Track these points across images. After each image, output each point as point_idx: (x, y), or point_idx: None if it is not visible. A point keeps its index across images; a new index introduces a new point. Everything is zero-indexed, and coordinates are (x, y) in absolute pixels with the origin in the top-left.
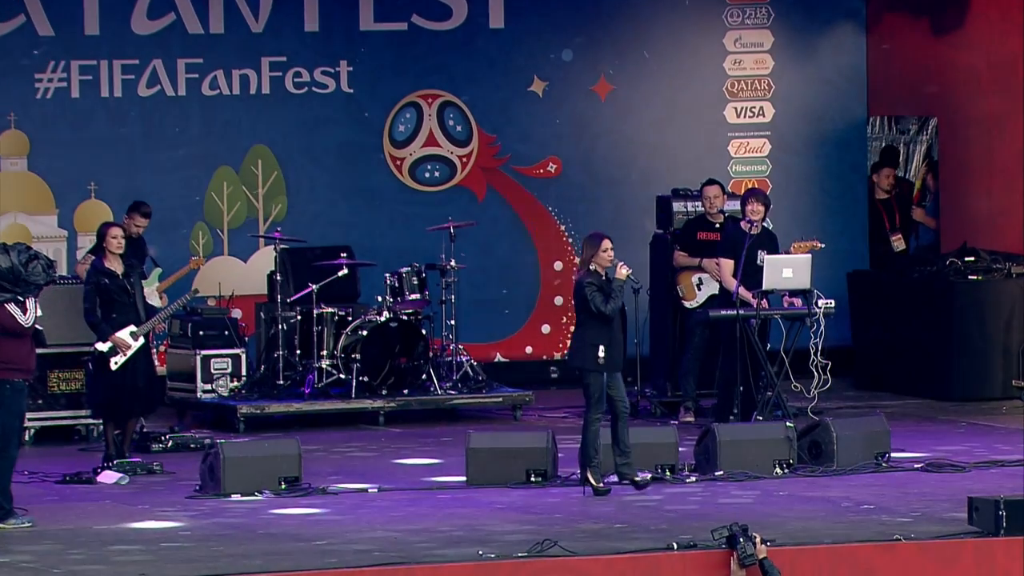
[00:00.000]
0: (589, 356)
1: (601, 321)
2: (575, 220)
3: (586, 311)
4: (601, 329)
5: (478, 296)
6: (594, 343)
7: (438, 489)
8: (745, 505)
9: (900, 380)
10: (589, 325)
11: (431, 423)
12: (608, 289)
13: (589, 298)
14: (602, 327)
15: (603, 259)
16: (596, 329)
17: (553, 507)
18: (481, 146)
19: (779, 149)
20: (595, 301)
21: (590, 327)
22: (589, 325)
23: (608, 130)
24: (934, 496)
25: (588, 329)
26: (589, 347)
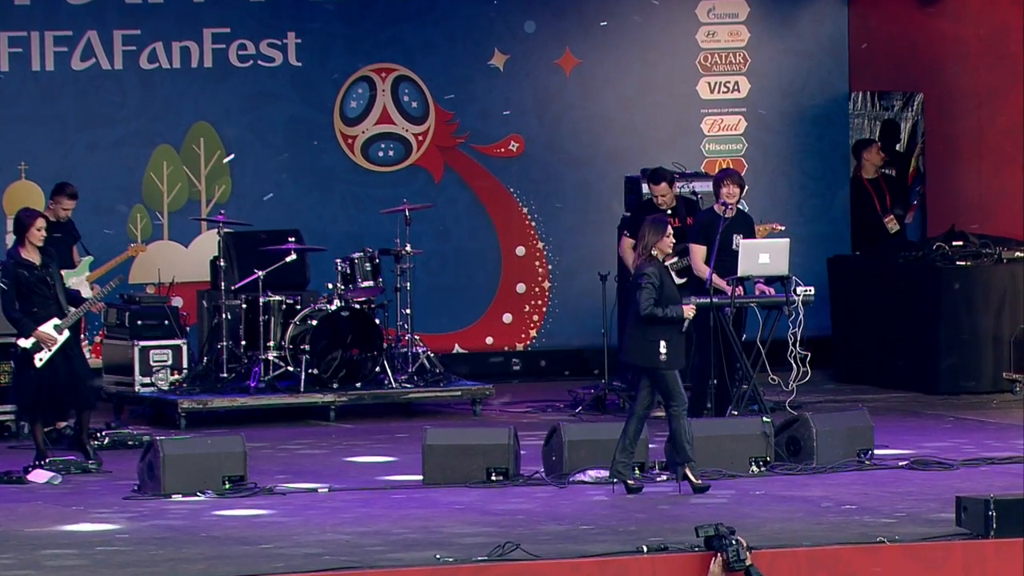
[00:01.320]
0: (649, 354)
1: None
2: (538, 202)
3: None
4: (662, 324)
5: (435, 283)
6: (654, 339)
7: (392, 489)
8: (719, 505)
9: (884, 372)
10: (649, 320)
11: (385, 418)
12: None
13: (643, 289)
14: (664, 322)
15: (666, 246)
16: (657, 325)
17: (515, 508)
18: (438, 123)
19: (755, 127)
20: (642, 296)
21: (650, 322)
22: (649, 320)
23: (573, 106)
24: (920, 496)
25: (649, 324)
26: (649, 343)
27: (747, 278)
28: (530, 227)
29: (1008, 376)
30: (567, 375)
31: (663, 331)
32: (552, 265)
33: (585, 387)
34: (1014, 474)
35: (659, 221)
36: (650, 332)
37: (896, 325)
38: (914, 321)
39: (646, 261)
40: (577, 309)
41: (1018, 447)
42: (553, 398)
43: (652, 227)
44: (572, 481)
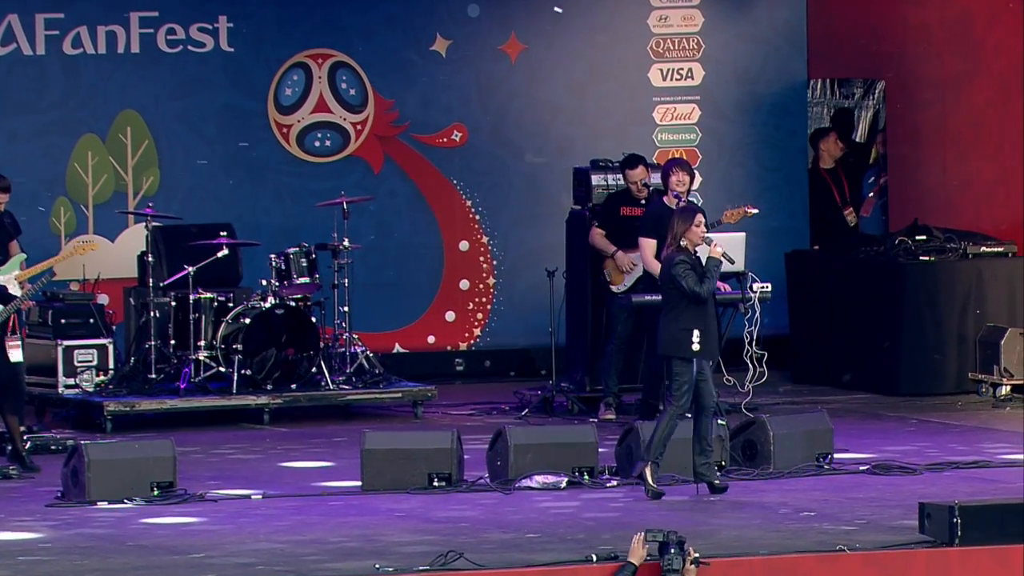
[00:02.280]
0: (683, 342)
1: (694, 303)
2: (482, 194)
3: (677, 292)
4: (696, 312)
5: (374, 280)
6: (687, 327)
7: (330, 495)
8: (672, 512)
9: (844, 373)
10: (681, 308)
11: (322, 421)
12: (701, 269)
13: (681, 277)
14: (697, 310)
15: (695, 235)
16: (690, 312)
17: (458, 515)
18: (377, 112)
19: (710, 115)
20: (688, 281)
21: (682, 310)
22: (681, 308)
23: (519, 94)
24: (881, 502)
25: (681, 313)
26: (682, 332)
27: None
28: (474, 221)
29: (974, 377)
30: (513, 376)
31: (698, 320)
32: (497, 261)
33: (532, 388)
34: (980, 479)
35: (688, 210)
36: (684, 320)
37: (856, 323)
38: (875, 319)
39: (676, 251)
40: (523, 307)
41: (983, 451)
42: (498, 400)
43: (681, 216)
44: (518, 487)
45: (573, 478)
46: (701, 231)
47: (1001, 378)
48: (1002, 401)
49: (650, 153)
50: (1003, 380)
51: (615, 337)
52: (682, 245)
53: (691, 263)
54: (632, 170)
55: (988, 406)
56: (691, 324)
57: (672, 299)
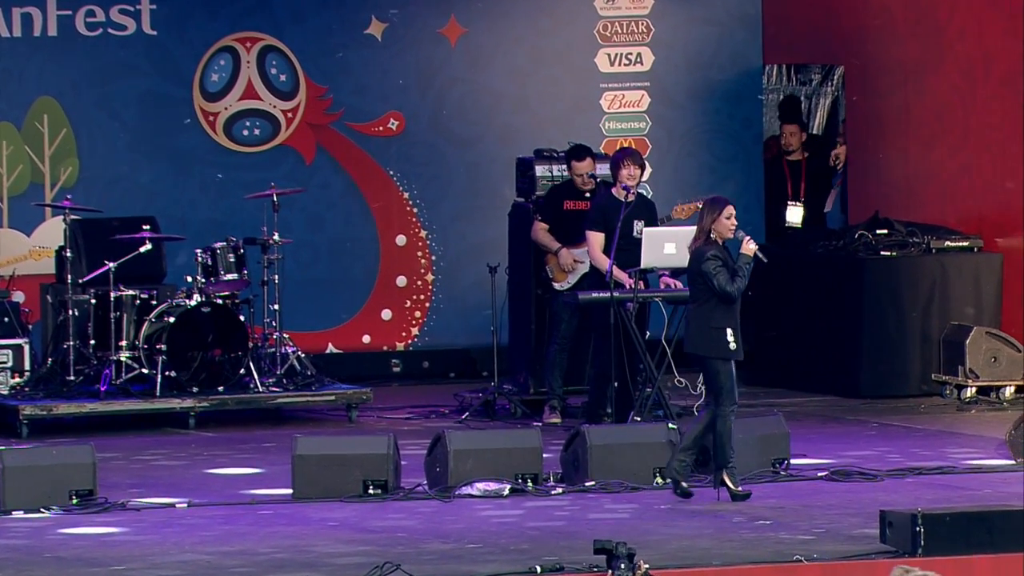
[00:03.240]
0: (716, 342)
1: (726, 302)
2: (420, 186)
3: (706, 289)
4: (727, 310)
5: (306, 276)
6: (719, 326)
7: (259, 503)
8: (620, 520)
9: (801, 374)
10: (711, 305)
11: (250, 426)
12: (732, 265)
13: (713, 275)
14: (728, 308)
15: (725, 228)
16: (721, 310)
17: (395, 524)
18: (309, 99)
19: (660, 103)
20: (719, 279)
21: (713, 307)
22: (711, 305)
23: (459, 80)
24: (841, 510)
25: (712, 310)
26: (715, 331)
27: (650, 270)
28: (411, 214)
29: (938, 378)
30: (453, 377)
31: (730, 317)
32: (436, 256)
33: (473, 391)
34: (944, 486)
35: (717, 200)
36: (715, 318)
37: (815, 322)
38: (834, 318)
39: (705, 244)
40: (464, 305)
41: (947, 456)
42: (437, 403)
43: (709, 207)
44: (458, 495)
45: (516, 485)
46: (732, 223)
47: (966, 379)
48: (967, 404)
49: (597, 143)
50: (968, 382)
51: (558, 336)
52: (711, 238)
53: (723, 258)
54: (579, 162)
55: (952, 409)
56: (723, 323)
57: (701, 295)
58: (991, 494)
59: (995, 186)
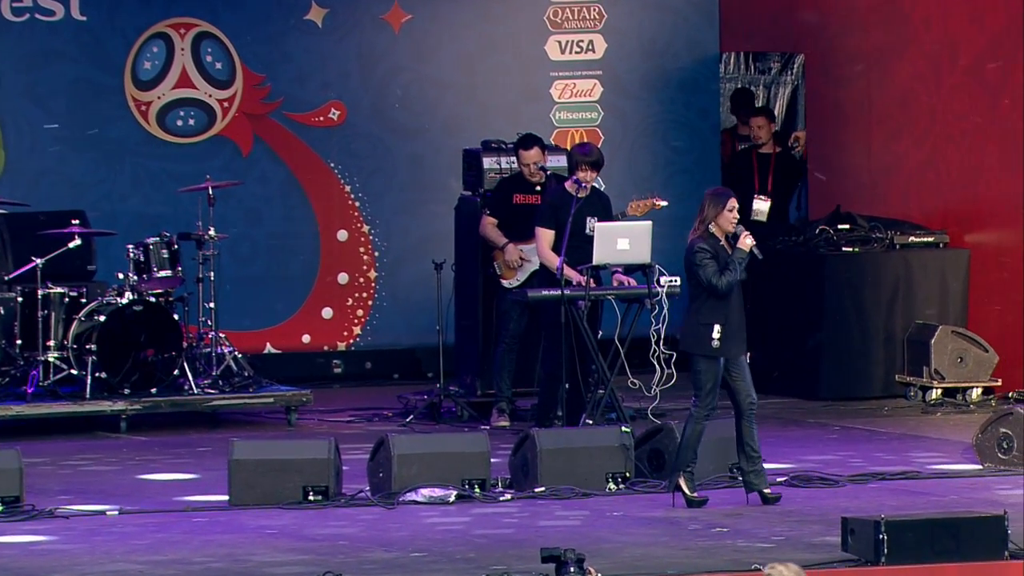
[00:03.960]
0: (701, 338)
1: (715, 296)
2: (363, 179)
3: (698, 284)
4: (715, 306)
5: (243, 273)
6: (706, 322)
7: (193, 511)
8: (571, 528)
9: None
10: (701, 300)
11: (185, 429)
12: (725, 258)
13: (698, 266)
14: (717, 303)
15: (727, 221)
16: (710, 305)
17: (336, 532)
18: (246, 88)
19: (613, 92)
20: (705, 272)
21: (703, 303)
22: (701, 300)
23: (403, 68)
24: (801, 516)
25: (701, 305)
26: (701, 327)
27: (603, 267)
28: (353, 208)
29: (901, 379)
30: (396, 378)
31: (718, 313)
32: (379, 252)
33: (417, 392)
34: (908, 492)
35: (721, 193)
36: (703, 314)
37: (773, 321)
38: (794, 316)
39: (699, 237)
40: (408, 303)
41: (912, 460)
42: (380, 405)
43: (712, 199)
44: (402, 501)
45: (463, 491)
46: (734, 216)
47: (931, 381)
48: (932, 406)
49: (547, 133)
50: (933, 383)
51: (507, 336)
52: (710, 231)
53: (712, 251)
54: (526, 151)
55: (917, 411)
56: (711, 318)
57: (694, 290)
58: (957, 500)
59: (962, 179)
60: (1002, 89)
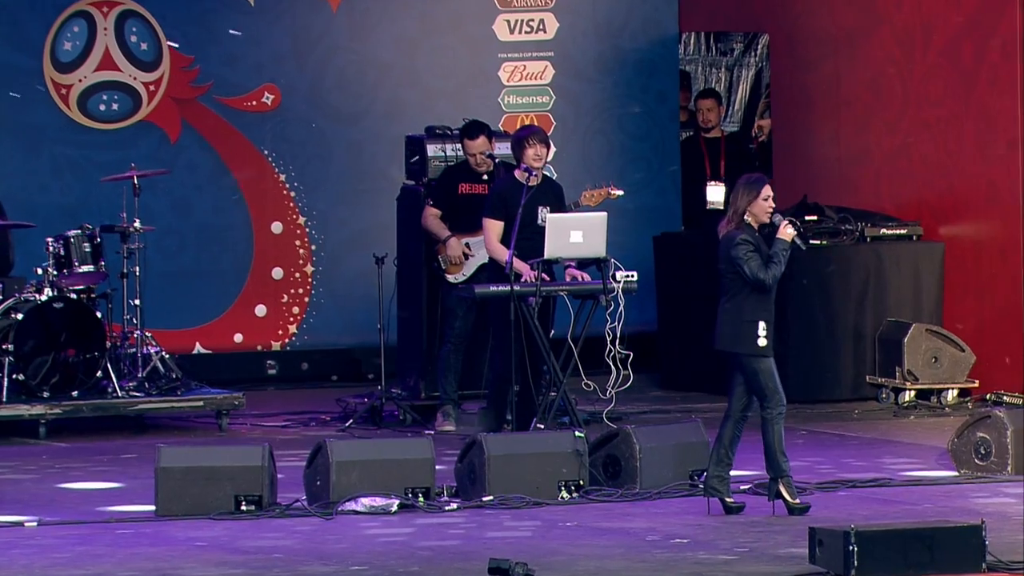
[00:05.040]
0: (745, 336)
1: (759, 291)
2: (298, 167)
3: (738, 278)
4: (759, 301)
5: (171, 267)
6: (751, 320)
7: (118, 522)
8: (522, 539)
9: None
10: (743, 296)
11: (109, 434)
12: (766, 251)
13: (743, 260)
14: (761, 299)
15: (762, 210)
16: (753, 301)
17: (271, 544)
18: (174, 70)
19: (565, 75)
20: (750, 265)
21: (745, 298)
22: (743, 296)
23: (342, 49)
24: (766, 526)
25: (743, 301)
26: (747, 324)
27: (555, 261)
28: (288, 198)
29: (873, 380)
30: (335, 380)
31: (763, 310)
32: (316, 245)
33: (357, 395)
34: (879, 500)
35: (755, 180)
36: (747, 311)
37: None
38: None
39: (736, 228)
40: (347, 299)
41: (883, 467)
42: (318, 409)
43: (745, 188)
44: (341, 511)
45: (406, 500)
46: (769, 205)
47: (904, 382)
48: (905, 409)
49: (495, 119)
50: (906, 384)
51: (453, 335)
52: (746, 221)
53: (755, 243)
54: (471, 140)
55: (889, 415)
56: (756, 315)
57: (732, 286)
58: (932, 509)
59: (936, 167)
60: (978, 72)
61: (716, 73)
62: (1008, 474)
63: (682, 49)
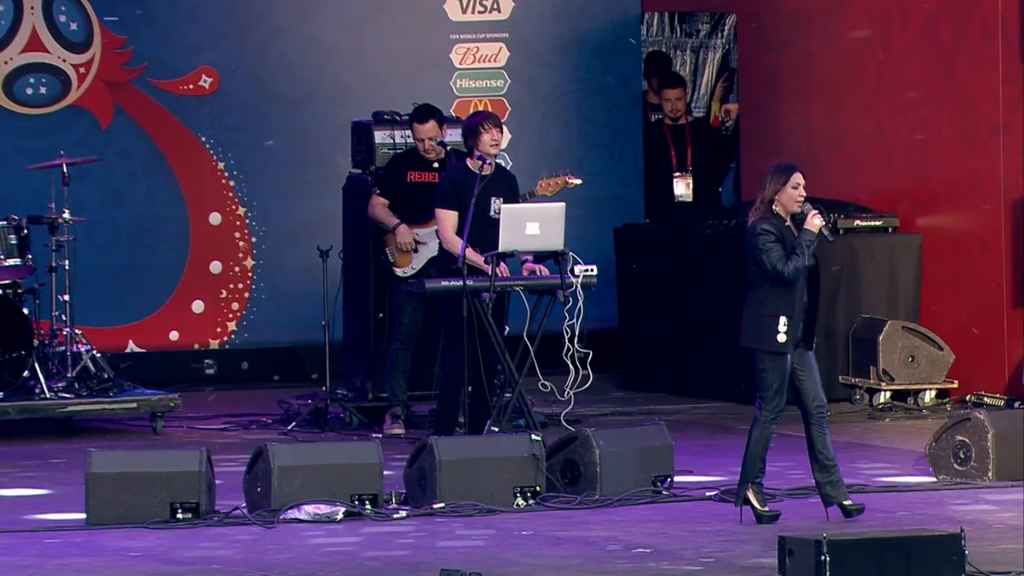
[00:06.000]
0: (765, 332)
1: (780, 284)
2: (238, 155)
3: (760, 270)
4: (781, 295)
5: (103, 261)
6: (771, 314)
7: (46, 531)
8: (475, 549)
9: (686, 376)
10: (764, 289)
11: (36, 438)
12: (791, 241)
13: (762, 250)
14: (783, 292)
15: (791, 199)
16: (775, 295)
17: (209, 554)
18: (105, 52)
19: (521, 57)
20: (770, 257)
21: (766, 292)
22: (764, 289)
23: (284, 30)
24: (733, 535)
25: (764, 295)
26: (765, 319)
27: (511, 254)
28: (228, 188)
29: (846, 381)
30: (277, 380)
31: (785, 305)
32: (257, 238)
33: (300, 396)
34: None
35: (784, 168)
36: (767, 305)
37: (701, 316)
38: (724, 310)
39: (761, 217)
40: (290, 295)
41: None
42: (259, 411)
43: (773, 175)
44: (283, 519)
45: (352, 508)
46: (800, 194)
47: (879, 382)
48: (880, 411)
49: (447, 104)
50: (881, 385)
51: (401, 332)
52: (774, 210)
53: (777, 234)
54: (421, 125)
55: (863, 417)
56: (776, 309)
57: (756, 278)
58: (908, 517)
59: (913, 155)
60: (958, 53)
61: (681, 56)
62: (988, 480)
63: (645, 30)
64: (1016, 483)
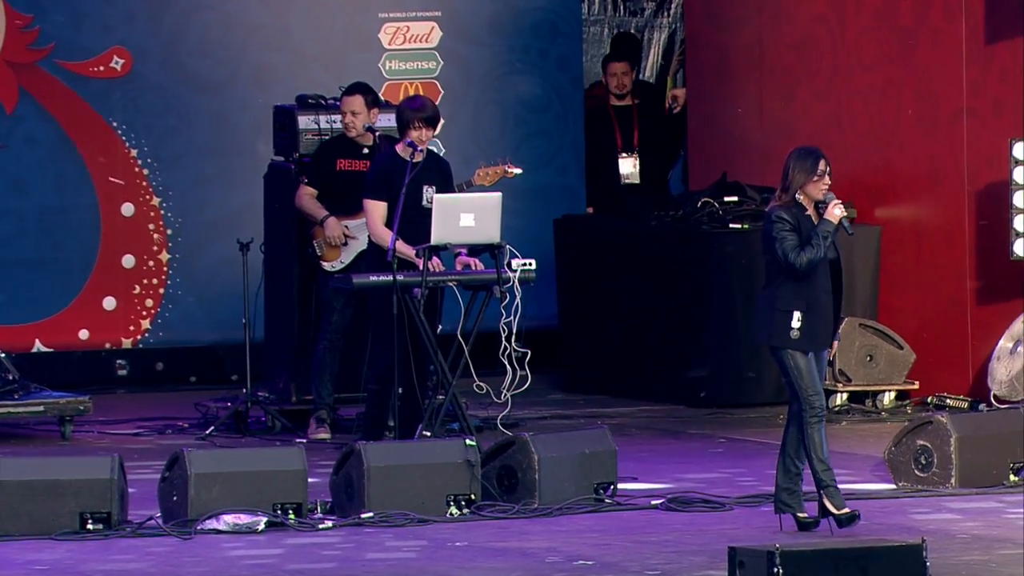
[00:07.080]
0: (780, 327)
1: (794, 277)
2: (152, 141)
3: (775, 261)
4: (796, 289)
5: (8, 255)
6: (785, 309)
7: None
8: (405, 561)
9: (630, 377)
10: (779, 282)
11: None
12: (808, 232)
13: (776, 239)
14: (798, 286)
15: (816, 188)
16: (789, 288)
17: (121, 567)
18: (10, 31)
19: (454, 37)
20: (783, 246)
21: (780, 285)
22: (779, 282)
23: (202, 8)
24: (680, 546)
25: (779, 288)
26: (779, 314)
27: (444, 247)
28: (141, 176)
29: None
30: (194, 382)
31: (800, 299)
32: (172, 230)
33: (219, 399)
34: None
35: (808, 152)
36: (781, 299)
37: (648, 312)
38: (672, 306)
39: (780, 205)
40: (208, 291)
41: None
42: (175, 414)
43: (797, 161)
44: (201, 530)
45: (274, 518)
46: (824, 184)
47: (835, 384)
48: (836, 414)
49: (376, 86)
50: (838, 386)
51: (328, 331)
52: (797, 199)
53: (794, 223)
54: (348, 96)
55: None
56: (790, 304)
57: (771, 269)
58: (867, 526)
59: (871, 141)
60: (918, 34)
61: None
62: (951, 487)
63: (585, 8)
64: (980, 490)
